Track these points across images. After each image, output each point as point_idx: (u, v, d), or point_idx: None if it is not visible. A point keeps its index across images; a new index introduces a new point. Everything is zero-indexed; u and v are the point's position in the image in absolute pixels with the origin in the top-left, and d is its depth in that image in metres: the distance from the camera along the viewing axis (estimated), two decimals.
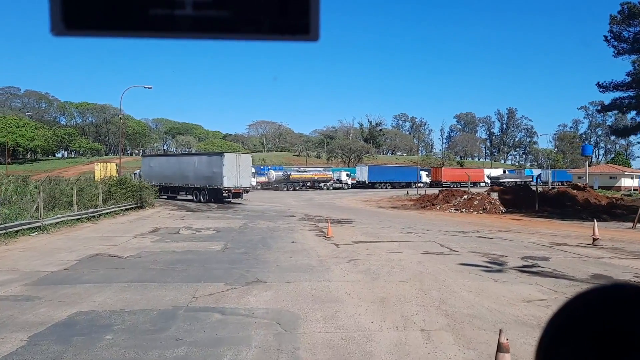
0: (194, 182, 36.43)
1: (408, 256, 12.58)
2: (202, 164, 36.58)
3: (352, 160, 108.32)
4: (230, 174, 34.26)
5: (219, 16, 0.71)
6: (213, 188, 34.84)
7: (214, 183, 34.68)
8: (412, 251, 13.44)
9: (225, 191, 34.27)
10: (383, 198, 46.33)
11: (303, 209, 31.45)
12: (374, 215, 27.19)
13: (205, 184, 35.45)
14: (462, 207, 30.85)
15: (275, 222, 21.60)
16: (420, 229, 19.48)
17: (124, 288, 8.62)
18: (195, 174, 36.53)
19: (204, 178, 35.68)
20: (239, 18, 0.72)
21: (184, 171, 37.48)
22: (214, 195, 34.87)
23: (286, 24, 0.73)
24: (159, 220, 22.36)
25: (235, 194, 35.17)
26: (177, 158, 43.40)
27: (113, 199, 24.63)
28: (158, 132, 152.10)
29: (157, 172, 37.96)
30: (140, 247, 13.80)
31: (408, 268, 10.91)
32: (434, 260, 11.95)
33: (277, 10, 0.72)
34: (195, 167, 36.75)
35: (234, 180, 34.46)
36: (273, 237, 16.46)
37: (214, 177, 34.67)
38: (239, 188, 35.12)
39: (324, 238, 16.17)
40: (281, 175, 63.09)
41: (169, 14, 0.70)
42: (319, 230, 18.66)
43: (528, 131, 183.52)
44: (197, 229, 18.76)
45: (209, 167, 35.53)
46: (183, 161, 39.84)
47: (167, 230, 18.31)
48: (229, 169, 34.20)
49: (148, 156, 52.78)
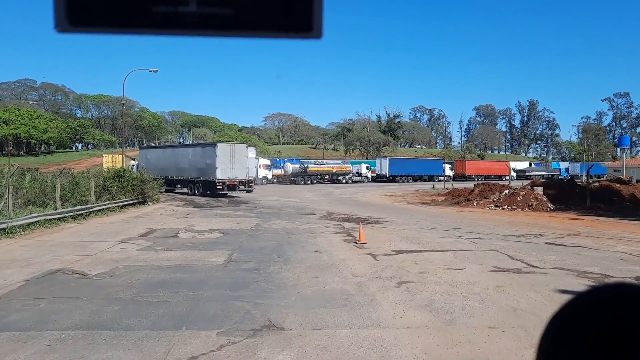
0: (189, 174, 34.57)
1: (476, 275, 9.17)
2: (196, 156, 34.66)
3: (371, 152, 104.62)
4: (224, 165, 32.18)
5: (222, 13, 0.71)
6: (207, 180, 32.90)
7: (208, 175, 32.73)
8: (477, 267, 10.02)
9: (219, 183, 32.15)
10: (408, 192, 42.77)
11: (323, 204, 28.15)
12: (405, 212, 23.75)
13: (200, 177, 33.59)
14: (504, 203, 27.19)
15: (293, 222, 18.33)
16: (469, 232, 16.02)
17: (53, 346, 5.36)
18: (189, 166, 34.73)
19: (198, 170, 33.82)
20: (242, 15, 0.71)
21: (179, 163, 35.70)
22: (209, 188, 32.90)
23: (289, 22, 0.72)
24: (159, 218, 19.27)
25: (230, 186, 32.94)
26: (172, 150, 41.10)
27: (108, 194, 21.62)
28: (174, 124, 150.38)
29: (154, 164, 35.68)
30: (120, 258, 10.64)
31: (488, 299, 7.51)
32: (516, 284, 8.53)
33: (280, 8, 0.71)
34: (190, 159, 34.98)
35: (228, 172, 32.43)
36: (291, 243, 13.18)
37: (208, 169, 32.71)
38: (234, 180, 32.93)
39: (355, 245, 12.84)
40: (298, 168, 59.95)
41: (172, 11, 0.70)
42: (346, 233, 15.33)
43: (550, 123, 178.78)
44: (200, 230, 15.58)
45: (202, 159, 33.64)
46: (178, 153, 37.75)
47: (164, 232, 15.16)
48: (223, 160, 32.11)
49: (145, 148, 50.73)
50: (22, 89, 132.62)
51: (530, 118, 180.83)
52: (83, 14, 0.69)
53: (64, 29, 0.69)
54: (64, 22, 0.69)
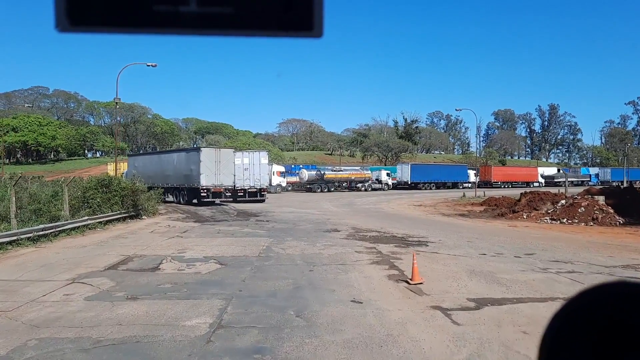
0: (175, 181, 32.78)
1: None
2: (181, 162, 32.93)
3: (389, 158, 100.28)
4: (209, 171, 30.28)
5: (222, 12, 0.70)
6: (191, 187, 31.02)
7: (192, 182, 30.88)
8: None
9: (204, 190, 30.17)
10: (437, 201, 38.47)
11: (346, 217, 24.10)
12: (448, 228, 19.57)
13: (184, 183, 31.75)
14: (561, 215, 22.81)
15: (313, 244, 14.32)
16: (550, 259, 11.82)
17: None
18: (175, 172, 33.02)
19: (183, 177, 31.95)
20: (242, 14, 0.71)
21: (165, 170, 33.98)
22: (194, 195, 31.03)
23: (289, 20, 0.72)
24: (146, 239, 15.40)
25: (215, 193, 31.02)
26: (158, 156, 38.99)
27: (88, 208, 17.85)
28: (188, 131, 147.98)
29: (142, 172, 32.92)
30: (48, 318, 6.71)
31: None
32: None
33: (280, 7, 0.71)
34: (175, 165, 33.32)
35: (213, 179, 30.55)
36: (314, 282, 9.13)
37: (192, 176, 30.86)
38: (220, 187, 31.04)
39: (407, 286, 8.75)
40: (314, 175, 56.02)
41: (173, 10, 0.70)
42: (387, 262, 11.24)
43: (571, 128, 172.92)
44: (192, 259, 11.64)
45: (187, 165, 31.81)
46: (163, 159, 35.94)
47: (142, 262, 11.25)
48: (208, 165, 30.23)
49: (133, 155, 48.53)
50: (35, 96, 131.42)
51: (551, 123, 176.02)
52: (83, 14, 0.68)
53: (64, 29, 0.68)
54: (64, 22, 0.68)
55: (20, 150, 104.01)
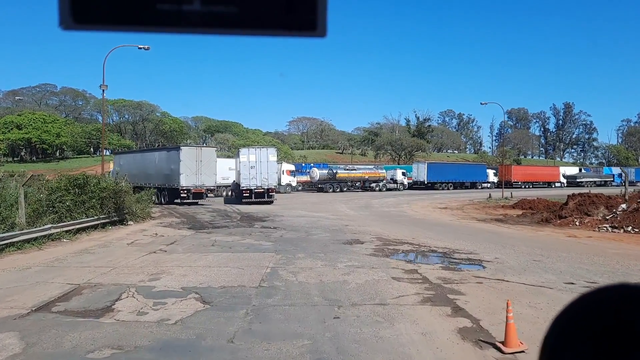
0: (156, 181, 31.26)
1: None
2: (162, 161, 31.80)
3: (403, 157, 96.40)
4: (190, 170, 29.10)
5: (225, 11, 0.70)
6: (172, 187, 29.82)
7: (172, 182, 29.76)
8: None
9: (183, 191, 28.92)
10: (463, 203, 34.77)
11: (367, 223, 20.62)
12: (494, 239, 15.92)
13: (165, 183, 30.54)
14: (624, 222, 19.04)
15: (333, 264, 10.85)
16: None
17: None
18: (156, 172, 31.82)
19: (164, 176, 30.83)
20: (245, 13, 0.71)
21: (147, 169, 32.76)
22: (174, 196, 29.82)
23: (293, 20, 0.71)
24: (117, 255, 12.00)
25: (196, 194, 29.76)
26: (141, 154, 37.81)
27: (55, 213, 14.52)
28: (197, 130, 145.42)
29: (126, 170, 31.34)
30: None
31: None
32: None
33: (284, 6, 0.71)
34: (157, 164, 32.16)
35: (193, 179, 29.35)
36: (344, 347, 5.62)
37: (172, 175, 29.74)
38: (201, 187, 29.88)
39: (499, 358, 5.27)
40: (326, 174, 52.49)
41: (176, 8, 0.69)
42: (444, 300, 7.71)
43: (587, 127, 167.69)
44: (164, 292, 8.22)
45: (167, 164, 30.69)
46: (146, 158, 34.74)
47: (90, 297, 7.84)
48: (188, 165, 29.11)
49: (119, 153, 46.96)
50: (43, 93, 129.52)
51: (566, 121, 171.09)
52: (87, 12, 0.68)
53: (68, 27, 0.68)
54: (68, 20, 0.68)
55: (24, 148, 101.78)
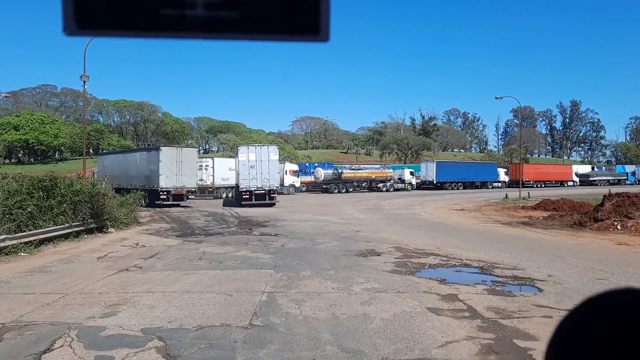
0: (137, 182, 30.35)
1: None
2: (143, 161, 31.18)
3: (409, 157, 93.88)
4: (170, 172, 28.49)
5: (228, 16, 0.70)
6: (152, 189, 28.88)
7: (152, 183, 29.03)
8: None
9: (163, 192, 28.15)
10: (479, 204, 32.33)
11: (379, 227, 18.27)
12: (535, 248, 13.51)
13: (146, 185, 29.56)
14: None
15: (347, 286, 8.51)
16: None
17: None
18: (137, 173, 31.28)
19: (145, 178, 30.07)
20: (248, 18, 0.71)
21: (129, 170, 32.15)
22: (154, 197, 28.79)
23: (296, 24, 0.71)
24: (77, 275, 9.66)
25: (176, 195, 28.86)
26: (124, 155, 37.00)
27: (12, 222, 12.21)
28: (199, 130, 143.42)
29: (110, 172, 31.16)
30: None
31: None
32: None
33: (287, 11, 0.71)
34: (137, 165, 31.58)
35: (174, 180, 28.68)
36: None
37: (152, 177, 29.08)
38: (182, 189, 29.08)
39: None
40: (331, 174, 50.13)
41: (180, 14, 0.69)
42: (511, 349, 5.40)
43: (594, 125, 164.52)
44: (114, 338, 5.88)
45: (147, 165, 30.06)
46: (128, 159, 34.06)
47: (5, 350, 5.56)
48: (168, 166, 28.44)
49: (103, 154, 46.51)
50: (43, 94, 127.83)
51: (573, 119, 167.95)
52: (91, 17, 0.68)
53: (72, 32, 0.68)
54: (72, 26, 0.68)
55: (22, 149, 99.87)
